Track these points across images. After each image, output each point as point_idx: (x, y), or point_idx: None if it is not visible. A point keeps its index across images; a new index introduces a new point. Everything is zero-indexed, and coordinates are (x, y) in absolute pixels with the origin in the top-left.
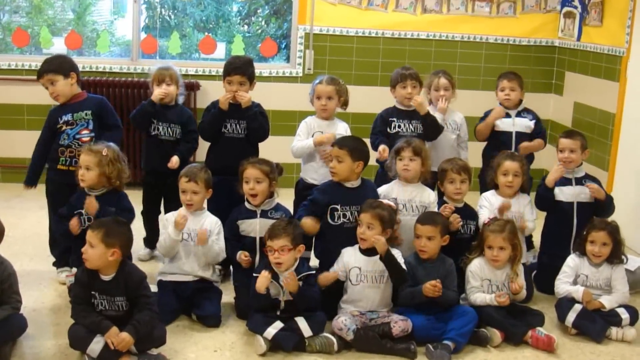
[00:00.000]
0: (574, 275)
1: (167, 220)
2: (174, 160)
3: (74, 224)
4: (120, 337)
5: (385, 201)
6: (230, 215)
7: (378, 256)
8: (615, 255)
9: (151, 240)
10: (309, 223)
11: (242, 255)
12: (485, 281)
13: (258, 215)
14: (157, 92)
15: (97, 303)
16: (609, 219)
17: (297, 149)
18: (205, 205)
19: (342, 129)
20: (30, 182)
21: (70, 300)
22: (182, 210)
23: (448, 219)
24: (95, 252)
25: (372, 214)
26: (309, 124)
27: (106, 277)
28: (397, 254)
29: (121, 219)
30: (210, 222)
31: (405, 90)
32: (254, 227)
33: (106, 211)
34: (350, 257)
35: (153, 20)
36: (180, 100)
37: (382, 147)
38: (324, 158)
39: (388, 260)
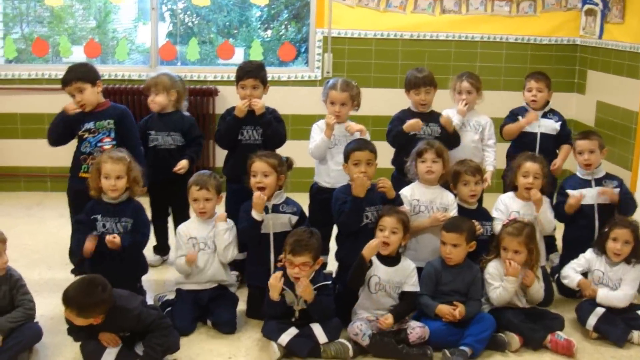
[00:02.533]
0: (585, 267)
1: (180, 237)
2: (183, 164)
3: (88, 247)
4: None
5: (401, 207)
6: (242, 207)
7: (397, 267)
8: (635, 255)
9: (161, 247)
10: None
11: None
12: (504, 282)
13: (270, 211)
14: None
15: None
16: (631, 219)
17: (314, 148)
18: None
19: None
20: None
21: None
22: (196, 222)
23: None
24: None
25: (397, 218)
26: (322, 127)
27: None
28: (409, 264)
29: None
30: (225, 223)
31: (419, 97)
32: (266, 223)
33: (125, 225)
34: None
35: (176, 27)
36: (184, 107)
37: (413, 120)
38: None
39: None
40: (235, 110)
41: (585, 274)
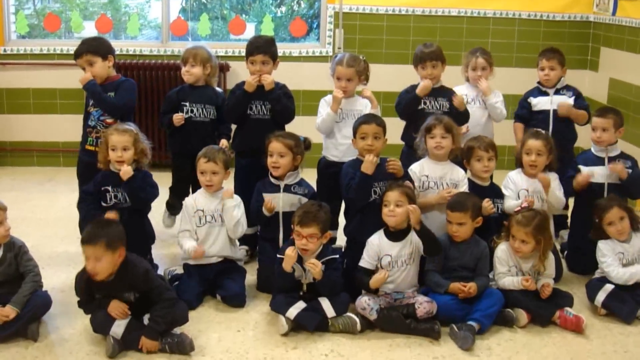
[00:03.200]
0: (617, 257)
1: (187, 208)
2: (224, 143)
3: (111, 215)
4: (143, 344)
5: (405, 182)
6: (257, 186)
7: (405, 240)
8: (636, 221)
9: (175, 206)
10: None
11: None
12: (512, 267)
13: (281, 190)
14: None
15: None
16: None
17: (321, 123)
18: (224, 185)
19: (363, 106)
20: None
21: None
22: (202, 194)
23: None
24: (104, 264)
25: (400, 191)
26: (329, 101)
27: (106, 279)
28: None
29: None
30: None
31: (425, 71)
32: (277, 202)
33: (137, 184)
34: (379, 246)
35: (190, 2)
36: (215, 83)
37: (424, 81)
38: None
39: (423, 231)
40: (244, 85)
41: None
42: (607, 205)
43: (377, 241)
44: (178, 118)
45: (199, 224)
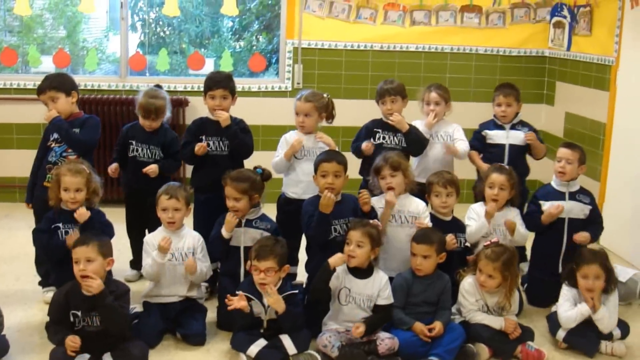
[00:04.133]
0: (575, 302)
1: (148, 244)
2: (152, 167)
3: (71, 238)
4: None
5: (372, 221)
6: (218, 220)
7: (367, 280)
8: (609, 284)
9: (137, 261)
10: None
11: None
12: (479, 301)
13: (242, 225)
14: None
15: (77, 321)
16: (597, 246)
17: (275, 164)
18: (185, 223)
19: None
20: (31, 200)
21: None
22: (164, 232)
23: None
24: (95, 267)
25: (362, 231)
26: (289, 139)
27: (89, 293)
28: (382, 276)
29: (96, 232)
30: (193, 239)
31: (384, 107)
32: (238, 237)
33: (92, 226)
34: (341, 277)
35: (148, 36)
36: (167, 120)
37: (365, 143)
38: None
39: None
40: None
41: None
42: (589, 258)
43: (339, 272)
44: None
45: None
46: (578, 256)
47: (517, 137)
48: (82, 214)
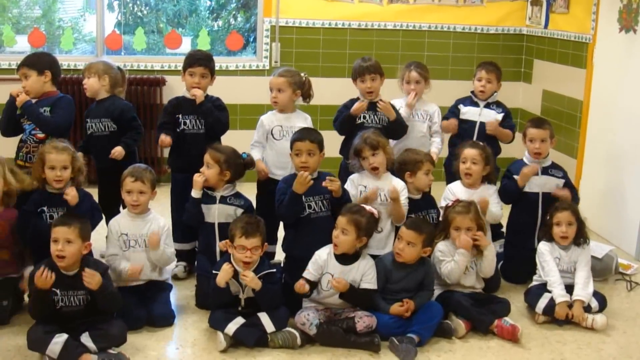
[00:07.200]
0: (555, 262)
1: (112, 232)
2: (117, 150)
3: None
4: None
5: (368, 207)
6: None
7: (351, 266)
8: (581, 235)
9: None
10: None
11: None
12: (455, 256)
13: (217, 201)
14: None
15: (57, 299)
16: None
17: (251, 147)
18: (150, 206)
19: (302, 121)
20: None
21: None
22: (127, 215)
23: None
24: (72, 249)
25: (348, 218)
26: (265, 122)
27: (70, 273)
28: (367, 261)
29: (79, 214)
30: (158, 225)
31: (364, 85)
32: (212, 212)
33: (81, 209)
34: (325, 262)
35: (126, 16)
36: (121, 93)
37: (357, 104)
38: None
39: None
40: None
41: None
42: (562, 206)
43: (324, 256)
44: None
45: (125, 248)
46: (551, 208)
47: (488, 115)
48: (74, 195)
